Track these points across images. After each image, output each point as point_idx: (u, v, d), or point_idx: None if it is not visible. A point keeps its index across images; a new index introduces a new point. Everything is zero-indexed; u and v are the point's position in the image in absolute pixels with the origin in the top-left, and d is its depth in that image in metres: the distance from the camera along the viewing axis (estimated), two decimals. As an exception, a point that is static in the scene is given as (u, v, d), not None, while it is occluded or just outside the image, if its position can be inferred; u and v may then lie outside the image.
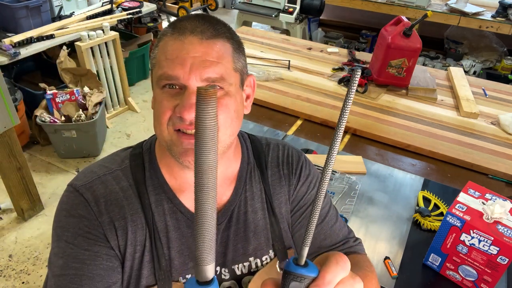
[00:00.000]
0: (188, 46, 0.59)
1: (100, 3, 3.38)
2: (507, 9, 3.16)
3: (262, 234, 0.72)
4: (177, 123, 0.60)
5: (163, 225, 0.66)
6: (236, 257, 0.70)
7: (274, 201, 0.74)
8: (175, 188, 0.67)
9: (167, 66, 0.59)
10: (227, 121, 0.61)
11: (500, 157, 1.54)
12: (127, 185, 0.66)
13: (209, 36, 0.60)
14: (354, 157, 1.50)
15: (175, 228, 0.66)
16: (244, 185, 0.72)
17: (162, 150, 0.68)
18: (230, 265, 0.70)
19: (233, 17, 4.30)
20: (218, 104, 0.54)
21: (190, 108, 0.57)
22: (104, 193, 0.64)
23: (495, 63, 3.69)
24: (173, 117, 0.60)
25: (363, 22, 4.37)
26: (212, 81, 0.59)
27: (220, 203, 0.70)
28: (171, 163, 0.67)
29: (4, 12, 2.70)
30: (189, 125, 0.59)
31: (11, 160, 2.08)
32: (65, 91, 2.69)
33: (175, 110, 0.59)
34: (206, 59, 0.59)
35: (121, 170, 0.67)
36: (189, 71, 0.58)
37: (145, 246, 0.64)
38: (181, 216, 0.67)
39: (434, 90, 1.96)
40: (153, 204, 0.66)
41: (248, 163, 0.75)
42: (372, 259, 1.10)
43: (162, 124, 0.61)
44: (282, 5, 3.56)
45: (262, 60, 2.21)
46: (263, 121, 1.74)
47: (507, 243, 0.90)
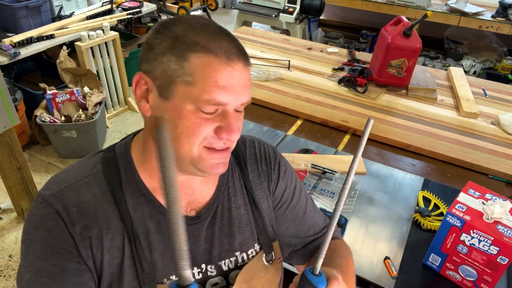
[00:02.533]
0: (237, 73, 0.58)
1: (100, 3, 3.38)
2: (507, 9, 3.16)
3: (246, 229, 0.73)
4: (213, 143, 0.61)
5: (143, 229, 0.64)
6: (222, 252, 0.71)
7: (256, 196, 0.76)
8: (154, 190, 0.66)
9: (218, 92, 0.57)
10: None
11: (500, 157, 1.54)
12: (99, 191, 0.64)
13: (247, 60, 0.61)
14: (354, 157, 1.50)
15: (156, 230, 0.65)
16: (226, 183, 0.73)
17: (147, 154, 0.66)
18: (217, 261, 0.71)
19: (233, 17, 4.30)
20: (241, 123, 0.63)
21: (236, 131, 0.60)
22: (75, 201, 0.62)
23: (495, 63, 3.69)
24: (210, 136, 0.60)
25: (363, 22, 4.37)
26: (245, 104, 0.62)
27: (204, 201, 0.71)
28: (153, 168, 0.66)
29: (4, 12, 2.70)
30: (223, 144, 0.61)
31: (11, 160, 2.08)
32: (65, 91, 2.69)
33: (218, 131, 0.60)
34: (247, 84, 0.61)
35: (93, 176, 0.65)
36: (235, 99, 0.59)
37: (124, 251, 0.63)
38: (162, 218, 0.66)
39: (434, 90, 1.96)
40: (131, 208, 0.64)
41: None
42: (372, 259, 1.10)
43: (194, 143, 0.60)
44: (282, 5, 3.56)
45: (262, 60, 2.21)
46: (263, 121, 1.74)
47: (507, 243, 0.90)
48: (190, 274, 0.45)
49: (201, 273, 0.69)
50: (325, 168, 1.41)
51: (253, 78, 2.00)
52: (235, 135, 0.60)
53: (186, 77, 0.57)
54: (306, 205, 0.84)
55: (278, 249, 0.77)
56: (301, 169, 1.41)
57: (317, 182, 1.37)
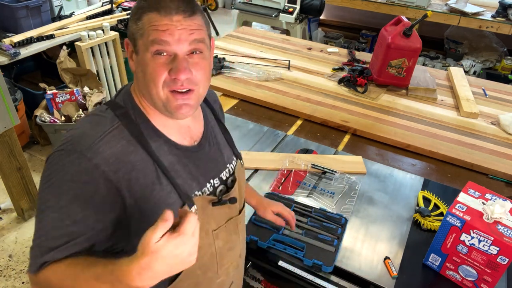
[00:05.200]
0: (176, 23, 0.72)
1: (100, 3, 3.38)
2: (507, 9, 3.16)
3: (226, 148, 0.96)
4: (172, 85, 0.74)
5: (168, 163, 0.80)
6: (220, 167, 0.91)
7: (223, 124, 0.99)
8: (165, 130, 0.81)
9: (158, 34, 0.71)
10: (204, 80, 0.78)
11: (500, 157, 1.54)
12: (126, 141, 0.75)
13: (190, 14, 0.73)
14: (354, 157, 1.50)
15: (177, 162, 0.81)
16: (207, 119, 0.93)
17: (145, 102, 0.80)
18: (219, 174, 0.90)
19: (233, 17, 4.29)
20: (199, 66, 0.75)
21: (184, 70, 0.72)
22: (111, 152, 0.73)
23: (495, 63, 3.69)
24: (167, 80, 0.73)
25: (363, 22, 4.37)
26: (197, 42, 0.73)
27: (199, 134, 0.89)
28: (159, 116, 0.81)
29: (4, 12, 2.70)
30: (180, 86, 0.74)
31: (11, 160, 2.08)
32: (65, 91, 2.69)
33: (170, 73, 0.73)
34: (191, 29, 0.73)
35: (116, 129, 0.76)
36: (178, 39, 0.72)
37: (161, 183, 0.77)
38: (178, 152, 0.82)
39: (434, 90, 1.96)
40: (155, 149, 0.78)
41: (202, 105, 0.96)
42: (372, 259, 1.10)
43: (158, 86, 0.74)
44: (282, 5, 3.56)
45: (262, 60, 2.21)
46: (263, 121, 1.74)
47: (507, 243, 0.90)
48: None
49: (212, 186, 0.88)
50: (325, 168, 1.41)
51: (253, 78, 2.00)
52: (183, 75, 0.72)
53: (140, 32, 0.74)
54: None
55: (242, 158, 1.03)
56: (301, 169, 1.41)
57: (317, 182, 1.37)
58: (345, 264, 1.08)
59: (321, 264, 1.05)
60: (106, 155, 0.73)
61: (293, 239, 1.13)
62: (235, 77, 2.01)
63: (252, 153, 1.51)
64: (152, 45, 0.72)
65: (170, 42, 0.72)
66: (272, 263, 1.10)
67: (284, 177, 1.39)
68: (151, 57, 0.73)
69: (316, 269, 1.07)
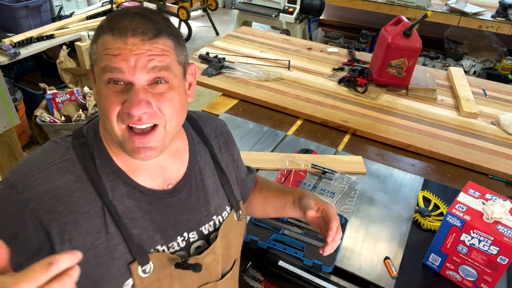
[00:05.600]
0: (131, 47, 0.61)
1: (100, 3, 3.38)
2: (507, 9, 3.16)
3: (218, 195, 0.82)
4: (126, 119, 0.63)
5: (123, 208, 0.68)
6: (201, 219, 0.78)
7: (222, 165, 0.85)
8: (129, 172, 0.70)
9: (110, 59, 0.61)
10: (173, 114, 0.66)
11: (500, 157, 1.54)
12: (73, 176, 0.65)
13: (151, 37, 0.62)
14: (354, 157, 1.50)
15: (136, 208, 0.69)
16: (195, 157, 0.80)
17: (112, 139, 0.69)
18: (198, 227, 0.77)
19: (233, 17, 4.30)
20: (163, 98, 0.64)
21: (138, 105, 0.61)
22: (47, 188, 0.63)
23: (495, 63, 3.69)
24: (121, 113, 0.63)
25: (363, 22, 4.37)
26: (158, 69, 0.62)
27: (179, 176, 0.76)
28: (121, 152, 0.69)
29: (4, 12, 2.70)
30: (137, 121, 0.63)
31: (11, 160, 2.08)
32: (65, 91, 2.69)
33: (124, 106, 0.62)
34: (150, 54, 0.62)
35: (65, 161, 0.66)
36: (133, 66, 0.61)
37: (108, 232, 0.65)
38: (141, 196, 0.70)
39: (434, 90, 1.96)
40: (109, 190, 0.67)
41: (192, 138, 0.83)
42: (372, 259, 1.10)
43: (112, 120, 0.63)
44: (282, 5, 3.56)
45: (262, 60, 2.21)
46: (263, 121, 1.74)
47: (507, 243, 0.90)
48: None
49: (184, 240, 0.75)
50: (325, 168, 1.41)
51: (253, 78, 2.00)
52: (136, 109, 0.61)
53: (94, 57, 0.64)
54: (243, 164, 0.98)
55: (243, 207, 0.88)
56: (301, 169, 1.41)
57: (317, 182, 1.37)
58: (345, 264, 1.08)
59: (321, 264, 1.05)
60: (40, 190, 0.62)
61: (293, 239, 1.13)
62: (235, 77, 2.01)
63: (252, 153, 1.51)
64: (103, 73, 0.62)
65: (123, 70, 0.61)
66: (272, 263, 1.10)
67: (284, 177, 1.39)
68: (104, 86, 0.63)
69: (316, 269, 1.07)
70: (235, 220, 0.84)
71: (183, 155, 0.79)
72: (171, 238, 0.72)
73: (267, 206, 1.00)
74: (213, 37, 5.03)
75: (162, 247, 0.71)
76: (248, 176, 0.98)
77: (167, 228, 0.72)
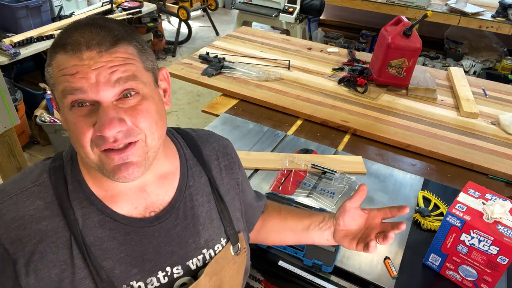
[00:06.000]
0: (88, 61, 0.54)
1: (100, 3, 3.38)
2: (507, 9, 3.16)
3: (212, 225, 0.73)
4: (101, 143, 0.56)
5: (94, 238, 0.62)
6: (189, 252, 0.69)
7: (221, 190, 0.76)
8: (105, 198, 0.64)
9: (68, 80, 0.55)
10: (152, 126, 0.60)
11: (500, 157, 1.54)
12: (43, 203, 0.61)
13: (108, 46, 0.56)
14: (354, 157, 1.50)
15: (110, 238, 0.63)
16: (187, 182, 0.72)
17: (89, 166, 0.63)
18: (184, 262, 0.69)
19: (233, 17, 4.30)
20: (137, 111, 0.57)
21: (110, 124, 0.54)
22: (15, 216, 0.59)
23: (495, 63, 3.69)
24: (94, 138, 0.56)
25: (363, 22, 4.37)
26: (124, 80, 0.56)
27: (163, 203, 0.69)
28: (99, 176, 0.64)
29: (4, 12, 2.70)
30: (113, 143, 0.56)
31: (11, 160, 2.08)
32: (65, 91, 2.69)
33: (95, 128, 0.56)
34: (112, 65, 0.55)
35: (38, 186, 0.62)
36: (95, 83, 0.54)
37: (74, 264, 0.60)
38: (116, 225, 0.64)
39: (434, 90, 1.96)
40: (80, 218, 0.62)
41: (186, 159, 0.74)
42: (372, 259, 1.10)
43: (85, 147, 0.57)
44: (282, 5, 3.56)
45: (262, 60, 2.21)
46: (263, 121, 1.74)
47: (507, 243, 0.90)
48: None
49: (166, 276, 0.67)
50: (325, 168, 1.41)
51: (253, 78, 2.00)
52: (108, 130, 0.54)
53: (52, 80, 0.58)
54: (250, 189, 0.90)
55: (243, 240, 0.78)
56: (301, 169, 1.41)
57: (317, 182, 1.37)
58: (345, 264, 1.08)
59: (321, 264, 1.05)
60: (7, 219, 0.59)
61: (293, 239, 1.13)
62: (235, 77, 2.01)
63: (252, 153, 1.51)
64: (64, 97, 0.55)
65: (84, 89, 0.54)
66: (272, 263, 1.10)
67: (284, 177, 1.39)
68: (69, 110, 0.56)
69: (316, 269, 1.07)
70: (231, 255, 0.73)
71: (172, 178, 0.71)
72: (150, 272, 0.65)
73: (285, 228, 0.90)
74: (213, 37, 5.03)
75: (138, 283, 0.63)
76: (256, 202, 0.90)
77: (145, 261, 0.64)
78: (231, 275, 0.74)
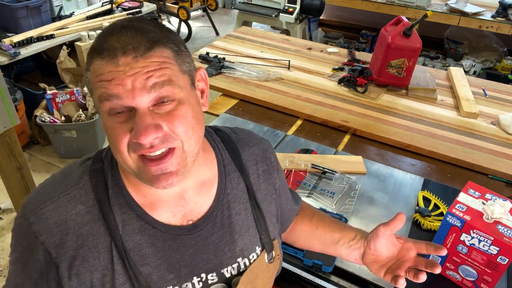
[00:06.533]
0: (124, 67, 0.54)
1: (100, 3, 3.38)
2: (507, 9, 3.16)
3: (248, 233, 0.72)
4: (138, 149, 0.57)
5: (134, 244, 0.63)
6: (224, 260, 0.69)
7: (258, 197, 0.75)
8: (145, 205, 0.65)
9: (104, 86, 0.55)
10: (188, 132, 0.59)
11: (500, 157, 1.54)
12: (85, 207, 0.62)
13: (143, 51, 0.55)
14: (354, 157, 1.50)
15: (148, 244, 0.64)
16: (225, 189, 0.71)
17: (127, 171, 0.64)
18: (219, 269, 0.69)
19: (233, 17, 4.30)
20: (173, 117, 0.57)
21: (146, 132, 0.55)
22: (57, 220, 0.60)
23: (495, 63, 3.69)
24: (131, 142, 0.57)
25: (363, 22, 4.37)
26: (160, 86, 0.55)
27: (201, 211, 0.69)
28: (138, 182, 0.64)
29: (4, 12, 2.70)
30: (150, 148, 0.56)
31: (11, 160, 2.08)
32: (65, 91, 2.69)
33: (131, 134, 0.56)
34: (147, 71, 0.55)
35: (79, 189, 0.63)
36: (131, 90, 0.54)
37: (114, 269, 0.61)
38: (155, 232, 0.64)
39: (434, 90, 1.96)
40: (120, 224, 0.62)
41: (224, 165, 0.74)
42: (372, 259, 1.10)
43: (122, 153, 0.58)
44: (282, 5, 3.56)
45: (262, 60, 2.21)
46: (263, 121, 1.74)
47: (507, 243, 0.90)
48: None
49: (201, 282, 0.67)
50: (325, 168, 1.41)
51: (253, 78, 2.00)
52: (144, 138, 0.54)
53: (90, 85, 0.59)
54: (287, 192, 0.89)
55: (278, 247, 0.78)
56: (301, 169, 1.41)
57: (317, 182, 1.37)
58: (345, 264, 1.08)
59: (321, 264, 1.05)
60: (50, 223, 0.60)
61: (293, 239, 1.12)
62: (235, 77, 2.01)
63: (252, 153, 1.50)
64: (101, 102, 0.56)
65: (120, 95, 0.54)
66: (272, 263, 1.10)
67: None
68: (107, 117, 0.57)
69: (316, 269, 1.07)
70: (265, 263, 0.73)
71: (211, 186, 0.70)
72: (186, 278, 0.66)
73: (314, 237, 0.89)
74: (213, 37, 5.03)
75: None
76: (292, 205, 0.89)
77: (182, 267, 0.65)
78: (265, 283, 0.75)
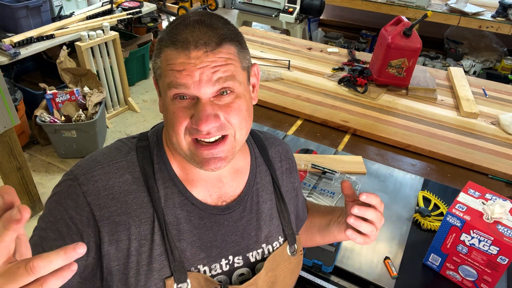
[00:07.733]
0: (195, 60, 0.59)
1: (100, 3, 3.38)
2: (507, 9, 3.16)
3: (272, 222, 0.77)
4: (195, 133, 0.62)
5: (173, 218, 0.67)
6: (250, 244, 0.74)
7: (282, 191, 0.81)
8: (186, 182, 0.69)
9: (174, 75, 0.60)
10: (242, 123, 0.65)
11: (500, 157, 1.54)
12: (131, 177, 0.66)
13: (213, 47, 0.60)
14: (354, 157, 1.50)
15: (186, 220, 0.68)
16: (255, 178, 0.77)
17: (173, 147, 0.69)
18: (245, 253, 0.73)
19: (233, 17, 4.30)
20: (231, 108, 0.63)
21: (206, 120, 0.60)
22: (105, 185, 0.64)
23: (495, 63, 3.69)
24: (189, 127, 0.62)
25: (363, 22, 4.37)
26: (224, 80, 0.61)
27: (235, 194, 0.74)
28: (182, 160, 0.69)
29: (4, 12, 2.70)
30: (206, 135, 0.62)
31: (11, 160, 2.08)
32: (65, 91, 2.69)
33: (191, 121, 0.62)
34: (215, 65, 0.60)
35: (127, 161, 0.67)
36: (198, 81, 0.59)
37: (153, 240, 0.64)
38: (193, 208, 0.68)
39: (434, 90, 1.96)
40: (163, 197, 0.67)
41: (255, 157, 0.80)
42: (372, 259, 1.10)
43: (179, 135, 0.63)
44: (282, 5, 3.56)
45: (262, 60, 2.21)
46: (263, 121, 1.74)
47: (507, 243, 0.90)
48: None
49: (228, 264, 0.71)
50: (325, 168, 1.41)
51: (253, 78, 2.00)
52: (204, 125, 0.60)
53: (159, 71, 0.63)
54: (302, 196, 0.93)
55: (300, 243, 0.81)
56: (301, 169, 1.41)
57: (317, 182, 1.37)
58: (345, 264, 1.08)
59: (321, 264, 1.05)
60: (99, 186, 0.63)
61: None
62: (235, 77, 2.01)
63: (252, 153, 1.51)
64: (169, 89, 0.61)
65: (188, 85, 0.60)
66: (272, 263, 1.10)
67: (284, 177, 1.39)
68: (171, 101, 0.63)
69: (316, 269, 1.07)
70: (287, 254, 0.77)
71: (244, 173, 0.76)
72: (215, 259, 0.69)
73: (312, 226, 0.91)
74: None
75: (204, 268, 0.68)
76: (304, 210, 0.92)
77: (213, 247, 0.69)
78: (286, 274, 0.77)
